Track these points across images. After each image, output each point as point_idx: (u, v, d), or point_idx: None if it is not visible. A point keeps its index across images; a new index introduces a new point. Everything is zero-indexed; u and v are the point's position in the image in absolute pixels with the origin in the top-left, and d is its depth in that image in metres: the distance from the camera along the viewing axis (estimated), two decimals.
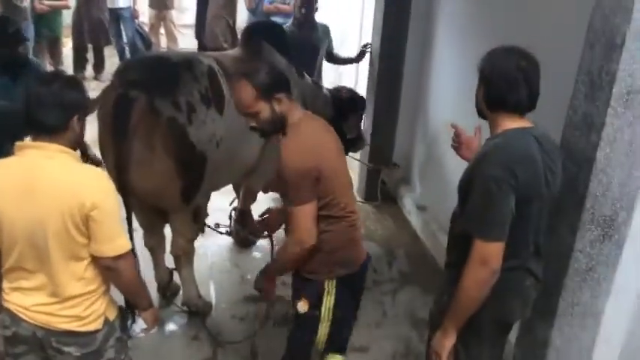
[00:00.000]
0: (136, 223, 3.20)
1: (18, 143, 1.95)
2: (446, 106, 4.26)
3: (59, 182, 1.90)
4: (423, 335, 3.31)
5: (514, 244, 2.04)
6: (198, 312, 3.47)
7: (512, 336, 2.66)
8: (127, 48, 7.98)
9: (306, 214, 2.29)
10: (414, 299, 3.84)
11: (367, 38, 5.62)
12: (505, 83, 2.00)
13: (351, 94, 4.40)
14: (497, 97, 2.04)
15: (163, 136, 2.87)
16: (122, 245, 2.00)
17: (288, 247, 2.41)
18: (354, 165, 5.55)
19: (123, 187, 2.81)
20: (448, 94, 4.21)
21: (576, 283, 2.33)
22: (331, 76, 7.38)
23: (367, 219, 4.93)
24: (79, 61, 7.69)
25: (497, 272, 2.00)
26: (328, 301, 2.49)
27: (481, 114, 2.17)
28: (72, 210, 1.88)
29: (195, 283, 3.49)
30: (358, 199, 5.23)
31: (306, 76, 4.10)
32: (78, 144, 2.06)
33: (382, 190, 5.14)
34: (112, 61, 8.17)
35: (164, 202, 3.20)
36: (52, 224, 1.89)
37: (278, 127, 2.32)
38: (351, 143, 4.35)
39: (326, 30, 5.13)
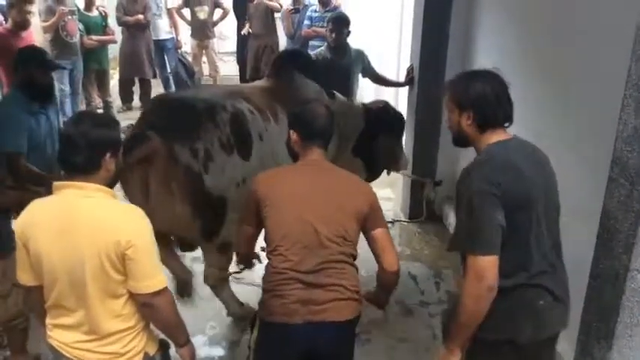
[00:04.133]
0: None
1: (55, 183, 1.97)
2: None
3: (95, 221, 1.91)
4: None
5: (516, 258, 2.01)
6: (244, 319, 3.46)
7: (569, 358, 2.59)
8: (170, 77, 8.20)
9: (240, 232, 2.54)
10: None
11: (405, 60, 5.61)
12: (494, 101, 2.07)
13: (385, 109, 4.27)
14: (488, 116, 2.08)
15: (180, 182, 2.94)
16: (159, 282, 1.99)
17: None
18: (398, 185, 5.52)
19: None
20: None
21: (634, 303, 2.24)
22: (371, 96, 7.40)
23: (412, 239, 4.88)
24: (126, 93, 7.95)
25: (493, 287, 1.96)
26: (253, 333, 2.44)
27: (462, 142, 2.18)
28: (108, 248, 1.88)
29: (234, 298, 3.55)
30: (402, 218, 5.20)
31: (338, 96, 4.10)
32: (113, 180, 2.06)
33: (427, 209, 5.08)
34: (157, 91, 8.36)
35: (186, 239, 3.33)
36: (89, 263, 1.89)
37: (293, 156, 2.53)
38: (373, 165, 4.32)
39: (360, 54, 5.14)
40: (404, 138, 5.26)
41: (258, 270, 3.32)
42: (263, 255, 2.59)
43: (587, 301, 2.40)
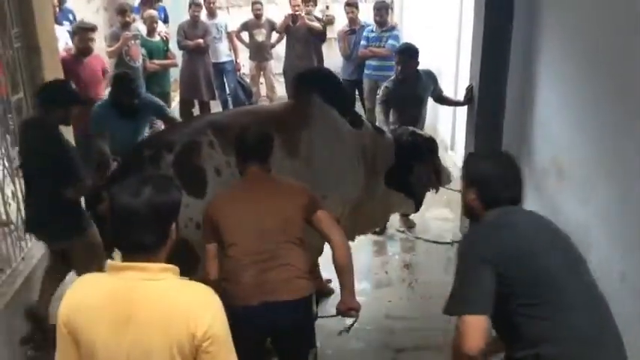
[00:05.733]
0: None
1: (111, 263, 1.70)
2: (552, 142, 4.06)
3: (166, 308, 1.63)
4: None
5: (555, 317, 1.94)
6: None
7: None
8: (229, 99, 8.37)
9: (206, 253, 2.69)
10: None
11: (463, 76, 5.53)
12: (497, 183, 2.16)
13: (413, 139, 4.15)
14: (491, 196, 2.16)
15: None
16: None
17: None
18: (456, 205, 5.38)
19: None
20: (554, 129, 4.02)
21: None
22: (429, 116, 7.33)
23: None
24: (185, 115, 8.14)
25: (475, 349, 1.91)
26: None
27: (470, 215, 2.27)
28: (181, 342, 1.61)
29: None
30: (460, 237, 5.05)
31: (366, 124, 4.00)
32: (173, 249, 1.79)
33: None
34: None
35: None
36: (157, 358, 1.62)
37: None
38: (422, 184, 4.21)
39: (430, 75, 5.12)
40: (462, 157, 5.18)
41: None
42: None
43: None
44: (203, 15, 7.89)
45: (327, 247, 2.77)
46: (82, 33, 5.36)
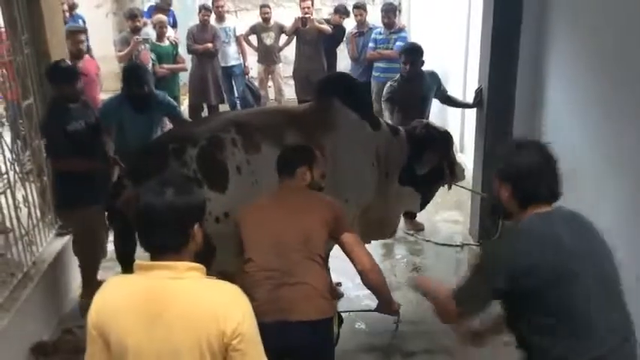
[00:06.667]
0: None
1: (139, 263, 1.74)
2: (563, 143, 4.02)
3: (193, 307, 1.66)
4: None
5: (579, 338, 1.90)
6: None
7: None
8: (238, 102, 8.39)
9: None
10: None
11: (472, 78, 5.51)
12: (535, 176, 2.00)
13: (427, 132, 4.12)
14: (527, 192, 2.02)
15: None
16: None
17: None
18: (466, 208, 5.37)
19: None
20: (565, 131, 4.00)
21: None
22: (437, 119, 7.31)
23: None
24: (194, 118, 8.16)
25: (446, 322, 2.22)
26: None
27: (504, 214, 2.13)
28: (210, 339, 1.63)
29: None
30: (471, 242, 5.04)
31: (383, 125, 4.00)
32: (199, 251, 1.82)
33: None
34: None
35: None
36: (187, 356, 1.64)
37: None
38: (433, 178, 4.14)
39: (434, 76, 5.13)
40: (472, 160, 5.16)
41: None
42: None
43: None
44: (212, 19, 7.92)
45: (336, 249, 2.77)
46: (73, 36, 5.34)
